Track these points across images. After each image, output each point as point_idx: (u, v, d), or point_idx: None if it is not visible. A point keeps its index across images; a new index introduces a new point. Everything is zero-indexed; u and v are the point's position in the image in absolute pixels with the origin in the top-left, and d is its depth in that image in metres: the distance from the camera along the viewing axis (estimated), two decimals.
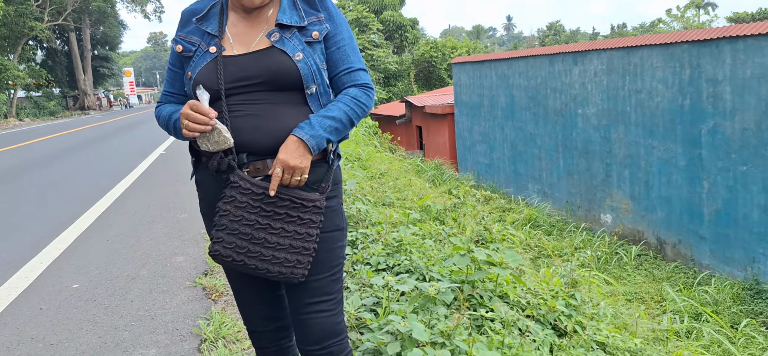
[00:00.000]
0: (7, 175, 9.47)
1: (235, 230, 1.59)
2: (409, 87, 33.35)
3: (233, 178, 1.58)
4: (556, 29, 74.85)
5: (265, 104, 1.61)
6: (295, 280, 1.63)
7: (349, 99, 1.65)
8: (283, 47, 1.61)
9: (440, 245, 3.82)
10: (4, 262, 4.37)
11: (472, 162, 17.74)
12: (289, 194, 1.59)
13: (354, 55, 1.71)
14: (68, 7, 41.12)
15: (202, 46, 1.67)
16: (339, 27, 1.70)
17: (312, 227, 1.61)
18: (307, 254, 1.61)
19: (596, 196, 11.80)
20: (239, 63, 1.62)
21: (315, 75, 1.63)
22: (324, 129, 1.58)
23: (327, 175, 1.67)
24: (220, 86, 1.60)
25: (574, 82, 12.38)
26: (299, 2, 1.69)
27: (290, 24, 1.64)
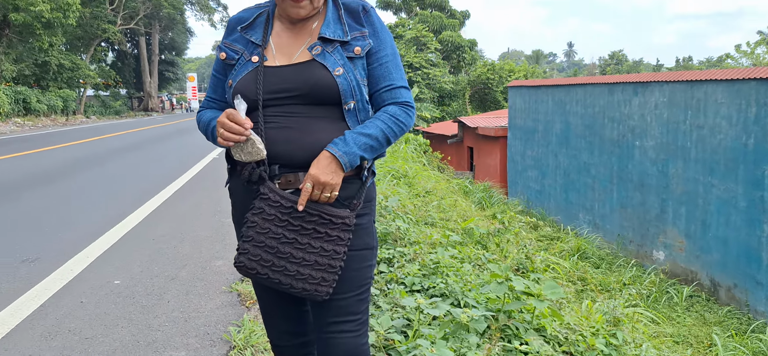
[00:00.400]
0: (67, 169, 9.87)
1: (262, 242, 1.57)
2: (464, 107, 33.19)
3: (263, 189, 1.57)
4: (619, 58, 73.19)
5: (301, 117, 1.59)
6: (318, 298, 1.59)
7: (388, 117, 1.61)
8: (324, 61, 1.59)
9: (479, 270, 3.74)
10: (53, 254, 4.53)
11: (523, 187, 17.45)
12: (318, 210, 1.56)
13: (396, 72, 1.67)
14: (140, 13, 42.87)
15: (244, 55, 1.66)
16: (383, 43, 1.67)
17: (339, 245, 1.57)
18: (332, 272, 1.58)
19: (649, 231, 11.39)
20: (279, 74, 1.61)
21: (354, 91, 1.60)
22: (358, 146, 1.56)
23: (359, 192, 1.63)
24: (258, 96, 1.59)
25: (633, 113, 12.05)
26: (344, 16, 1.66)
27: (333, 38, 1.61)
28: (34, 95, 29.67)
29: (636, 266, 10.84)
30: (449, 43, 36.47)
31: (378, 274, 3.57)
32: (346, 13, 1.67)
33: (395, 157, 9.23)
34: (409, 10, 40.60)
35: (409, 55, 31.34)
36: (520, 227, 5.52)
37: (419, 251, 3.69)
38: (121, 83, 48.48)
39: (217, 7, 50.01)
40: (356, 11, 1.67)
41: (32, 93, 29.50)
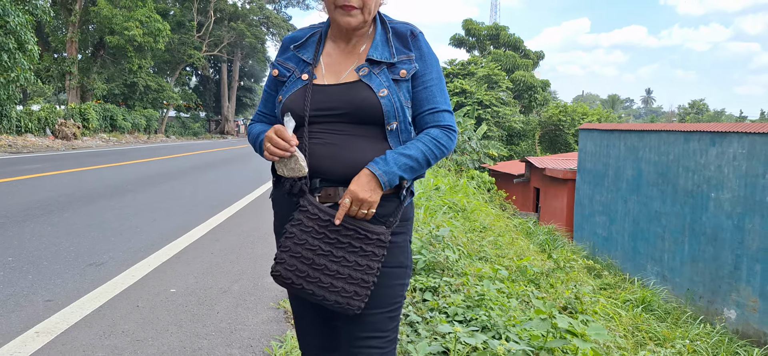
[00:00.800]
0: (142, 183, 10.38)
1: (298, 253, 1.62)
2: (533, 148, 32.71)
3: (303, 202, 1.62)
4: (699, 108, 70.37)
5: (344, 135, 1.64)
6: (350, 311, 1.62)
7: (429, 140, 1.64)
8: (370, 82, 1.64)
9: (525, 307, 3.67)
10: (118, 260, 4.77)
11: (589, 233, 16.94)
12: (355, 225, 1.59)
13: (440, 95, 1.70)
14: (225, 41, 44.91)
15: (295, 72, 1.74)
16: (429, 67, 1.70)
17: (374, 260, 1.60)
18: (365, 286, 1.60)
19: (721, 288, 10.79)
20: (326, 92, 1.67)
21: (397, 112, 1.64)
22: (398, 166, 1.59)
23: (396, 211, 1.66)
24: (305, 113, 1.65)
25: (710, 163, 11.54)
26: (393, 39, 1.71)
27: (380, 60, 1.66)
28: (121, 113, 31.46)
29: (704, 322, 10.27)
30: (521, 83, 36.19)
31: (421, 302, 3.57)
32: (394, 36, 1.72)
33: (455, 191, 9.20)
34: (482, 48, 40.66)
35: (480, 92, 31.29)
36: (576, 271, 5.37)
37: (466, 283, 3.66)
38: (201, 106, 50.71)
39: None
40: (404, 35, 1.72)
41: (119, 111, 31.29)
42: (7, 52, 17.83)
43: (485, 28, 40.65)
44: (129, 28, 28.73)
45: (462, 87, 31.53)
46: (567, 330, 2.79)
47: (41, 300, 3.66)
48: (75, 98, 30.17)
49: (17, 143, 19.38)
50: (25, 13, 18.92)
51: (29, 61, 19.34)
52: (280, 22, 49.30)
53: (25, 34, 18.50)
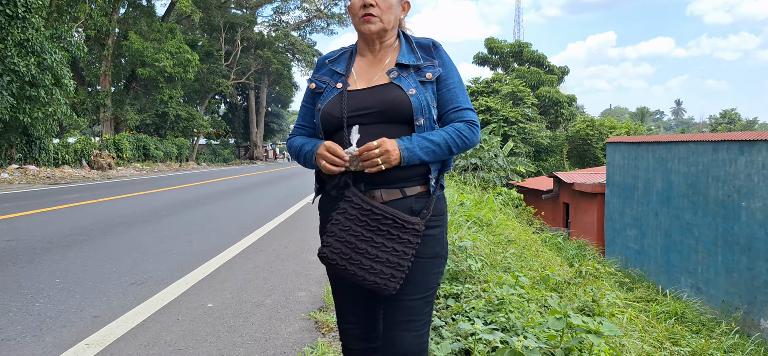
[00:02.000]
0: (177, 208, 10.71)
1: (343, 238, 1.83)
2: (561, 163, 32.51)
3: (348, 193, 1.84)
4: (731, 117, 69.09)
5: (380, 135, 1.83)
6: (387, 292, 1.81)
7: (452, 129, 1.85)
8: (400, 83, 1.87)
9: (544, 311, 3.77)
10: (158, 278, 5.01)
11: (621, 247, 16.79)
12: (393, 214, 1.79)
13: (462, 96, 1.92)
14: (252, 68, 45.81)
15: (331, 83, 1.98)
16: (450, 72, 1.93)
17: (408, 247, 1.79)
18: (400, 270, 1.79)
19: (757, 299, 10.63)
20: (359, 96, 1.90)
21: (424, 109, 1.84)
22: (420, 148, 1.80)
23: (428, 204, 1.86)
24: (343, 115, 1.88)
25: (739, 172, 11.43)
26: (417, 48, 1.96)
27: (408, 64, 1.90)
28: (153, 142, 32.26)
29: (740, 334, 10.12)
30: (547, 99, 36.11)
31: (445, 308, 3.72)
32: (418, 47, 1.97)
33: (481, 206, 9.31)
34: (506, 66, 40.74)
35: (505, 109, 31.31)
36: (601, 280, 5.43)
37: (487, 289, 3.79)
38: (231, 133, 51.63)
39: None
40: (427, 46, 1.97)
41: (151, 141, 32.10)
42: (44, 88, 18.56)
43: (508, 46, 40.77)
44: (159, 59, 29.59)
45: (487, 104, 31.63)
46: (582, 328, 2.89)
47: (89, 316, 3.90)
48: (109, 129, 31.08)
49: (55, 174, 20.05)
50: (61, 50, 19.69)
51: (65, 95, 20.08)
52: (305, 48, 50.14)
53: (61, 69, 19.23)
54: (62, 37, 20.49)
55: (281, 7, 49.47)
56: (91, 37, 30.01)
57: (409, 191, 1.86)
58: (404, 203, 1.85)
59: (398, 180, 1.84)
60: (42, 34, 18.18)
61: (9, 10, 16.48)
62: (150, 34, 31.63)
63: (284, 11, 50.24)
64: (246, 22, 43.60)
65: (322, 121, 1.93)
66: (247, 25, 44.01)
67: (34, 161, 21.02)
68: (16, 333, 3.53)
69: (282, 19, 50.93)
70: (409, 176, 1.85)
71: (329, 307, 4.19)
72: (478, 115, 28.50)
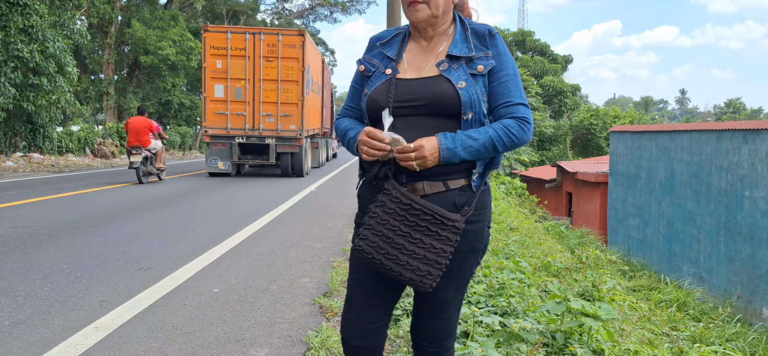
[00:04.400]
0: (181, 195, 10.78)
1: (380, 232, 1.75)
2: (564, 152, 32.50)
3: (387, 186, 1.78)
4: (736, 107, 68.86)
5: (424, 128, 1.77)
6: (423, 289, 1.76)
7: (500, 126, 1.74)
8: (449, 76, 1.77)
9: (545, 295, 3.82)
10: (164, 264, 5.07)
11: (623, 236, 16.82)
12: (433, 210, 1.72)
13: (516, 90, 1.80)
14: None
15: (380, 67, 1.90)
16: (504, 63, 1.81)
17: (447, 244, 1.72)
18: (438, 267, 1.74)
19: (759, 287, 10.67)
20: (408, 86, 1.82)
21: (474, 103, 1.75)
22: (462, 146, 1.71)
23: (470, 200, 1.78)
24: (389, 104, 1.81)
25: (743, 161, 11.44)
26: (471, 37, 1.83)
27: (459, 55, 1.79)
28: None
29: (741, 322, 10.16)
30: (551, 88, 36.04)
31: None
32: (472, 35, 1.85)
33: None
34: None
35: None
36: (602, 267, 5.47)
37: (488, 274, 3.84)
38: None
39: (325, 52, 52.40)
40: (483, 34, 1.84)
41: None
42: (47, 76, 18.60)
43: (511, 35, 40.65)
44: (162, 47, 29.56)
45: None
46: (580, 311, 2.93)
47: (97, 300, 3.96)
48: (112, 117, 31.13)
49: (59, 162, 20.13)
50: (64, 38, 19.72)
51: (68, 83, 20.11)
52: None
53: (65, 57, 19.26)
54: (65, 25, 20.50)
55: None
56: (93, 25, 30.02)
57: (453, 185, 1.79)
58: (447, 196, 1.78)
59: (442, 173, 1.77)
60: (45, 21, 18.20)
61: None
62: (153, 22, 31.59)
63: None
64: (249, 10, 43.50)
65: (368, 107, 1.87)
66: (250, 13, 43.91)
67: (39, 149, 21.10)
68: (26, 316, 3.59)
69: (285, 7, 50.81)
70: (453, 170, 1.78)
71: (334, 293, 4.24)
72: None
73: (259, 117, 14.94)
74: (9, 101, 17.34)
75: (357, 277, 1.96)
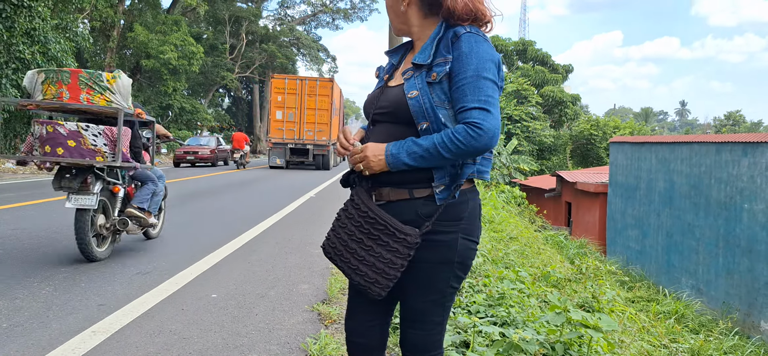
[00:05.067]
0: (181, 200, 10.77)
1: (339, 234, 1.86)
2: (564, 162, 32.52)
3: (353, 191, 1.86)
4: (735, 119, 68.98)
5: (389, 135, 1.81)
6: (372, 295, 1.80)
7: (446, 133, 1.67)
8: (406, 84, 1.79)
9: (544, 306, 3.82)
10: (163, 269, 5.06)
11: (622, 246, 16.81)
12: (386, 222, 1.75)
13: (472, 93, 1.68)
14: (256, 62, 45.84)
15: (384, 75, 1.98)
16: (464, 67, 1.71)
17: (397, 256, 1.73)
18: (387, 278, 1.75)
19: (757, 301, 10.65)
20: (386, 94, 1.89)
21: (426, 113, 1.72)
22: (407, 153, 1.70)
23: (433, 214, 1.75)
24: (370, 111, 1.92)
25: (742, 174, 11.44)
26: (440, 43, 1.79)
27: (420, 63, 1.78)
28: None
29: (739, 335, 10.14)
30: (551, 98, 36.08)
31: None
32: (443, 40, 1.79)
33: (484, 203, 9.36)
34: (510, 63, 40.71)
35: (510, 108, 31.31)
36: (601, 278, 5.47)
37: (487, 284, 3.84)
38: (234, 126, 51.65)
39: (326, 58, 52.50)
40: (449, 39, 1.77)
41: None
42: None
43: (512, 44, 40.73)
44: (164, 51, 29.64)
45: None
46: (580, 322, 2.93)
47: (95, 304, 3.95)
48: None
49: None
50: (66, 40, 19.75)
51: None
52: (310, 43, 50.13)
53: (66, 59, 19.28)
54: (68, 28, 20.54)
55: (287, 1, 49.48)
56: (96, 28, 30.07)
57: (418, 193, 1.77)
58: (411, 205, 1.78)
59: (407, 181, 1.77)
60: (48, 23, 18.24)
61: None
62: (155, 26, 31.67)
63: (290, 5, 50.24)
64: (251, 16, 43.62)
65: (364, 112, 1.98)
66: (253, 19, 44.03)
67: None
68: (24, 319, 3.59)
69: (287, 13, 50.94)
70: (418, 178, 1.76)
71: (332, 300, 4.24)
72: None
73: (303, 131, 23.74)
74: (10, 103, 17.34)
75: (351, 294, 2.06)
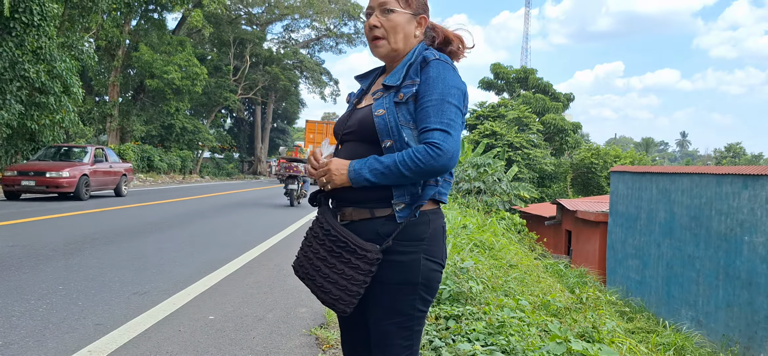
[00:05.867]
0: (180, 219, 10.75)
1: (306, 253, 1.91)
2: (565, 190, 32.51)
3: (319, 211, 1.92)
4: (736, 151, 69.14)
5: (355, 153, 1.85)
6: (337, 311, 1.84)
7: (408, 151, 1.72)
8: (374, 103, 1.86)
9: (544, 335, 3.78)
10: (160, 289, 5.04)
11: (622, 276, 16.73)
12: (347, 238, 1.78)
13: (435, 115, 1.74)
14: (259, 84, 46.09)
15: (353, 99, 2.04)
16: (430, 90, 1.78)
17: (359, 273, 1.76)
18: (349, 294, 1.77)
19: (757, 334, 10.57)
20: (354, 115, 1.94)
21: (391, 131, 1.77)
22: (369, 170, 1.74)
23: (393, 231, 1.77)
24: (340, 131, 1.97)
25: (743, 206, 11.43)
26: (409, 67, 1.85)
27: (390, 85, 1.85)
28: (158, 154, 32.33)
29: None
30: (552, 126, 36.20)
31: (445, 329, 3.73)
32: (414, 65, 1.86)
33: (483, 230, 9.33)
34: (511, 91, 40.91)
35: (511, 134, 31.40)
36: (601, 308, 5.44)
37: (487, 311, 3.81)
38: (235, 147, 51.75)
39: (328, 81, 52.81)
40: (418, 64, 1.85)
41: (156, 152, 32.17)
42: (53, 95, 18.71)
43: (514, 72, 40.96)
44: (168, 72, 29.80)
45: (492, 129, 31.72)
46: (581, 353, 2.91)
47: (91, 323, 3.92)
48: (115, 139, 31.22)
49: None
50: (71, 59, 19.88)
51: (74, 104, 20.22)
52: (313, 65, 50.46)
53: (71, 78, 19.39)
54: (73, 46, 20.69)
55: (291, 25, 49.90)
56: (101, 48, 30.26)
57: (378, 213, 1.81)
58: (371, 224, 1.81)
59: (368, 200, 1.81)
60: (54, 41, 18.37)
61: (25, 17, 16.69)
62: (160, 46, 31.88)
63: (294, 29, 50.69)
64: (256, 38, 43.95)
65: (334, 135, 2.02)
66: (257, 41, 44.36)
67: None
68: (19, 337, 3.56)
69: (291, 37, 51.36)
70: (378, 197, 1.80)
71: (330, 324, 4.21)
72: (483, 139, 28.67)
73: None
74: (14, 117, 17.40)
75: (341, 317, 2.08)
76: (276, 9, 45.77)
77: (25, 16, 16.67)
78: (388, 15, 1.89)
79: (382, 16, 1.90)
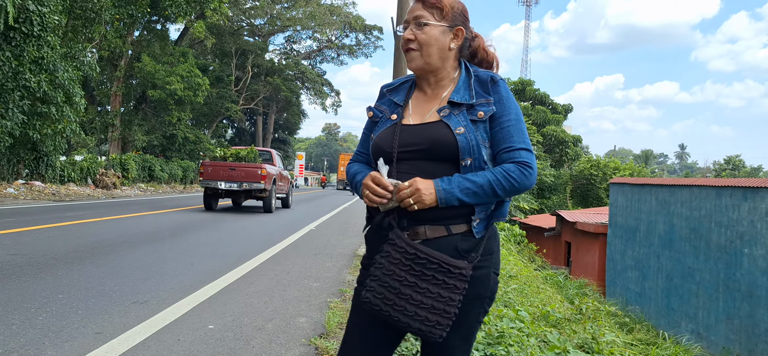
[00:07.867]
0: (180, 228, 10.77)
1: (386, 282, 1.72)
2: (564, 202, 32.51)
3: (391, 235, 1.76)
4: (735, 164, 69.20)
5: (424, 171, 1.79)
6: (433, 338, 1.72)
7: (499, 170, 1.74)
8: (448, 121, 1.80)
9: (544, 345, 3.79)
10: (160, 298, 5.05)
11: (622, 288, 16.72)
12: (439, 259, 1.70)
13: (518, 135, 1.79)
14: (261, 95, 46.25)
15: (386, 113, 1.96)
16: (506, 109, 1.82)
17: (455, 293, 1.69)
18: (447, 317, 1.70)
19: (758, 347, 10.56)
20: (411, 131, 1.86)
21: (472, 149, 1.76)
22: (460, 189, 1.71)
23: (476, 246, 1.77)
24: (393, 150, 1.85)
25: (742, 218, 11.45)
26: (474, 84, 1.87)
27: (460, 102, 1.83)
28: (159, 163, 32.39)
29: None
30: (552, 138, 36.28)
31: None
32: (476, 81, 1.88)
33: None
34: None
35: None
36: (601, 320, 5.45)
37: (487, 322, 3.82)
38: None
39: (330, 92, 52.97)
40: (485, 81, 1.87)
41: (157, 162, 32.23)
42: (55, 105, 18.79)
43: (511, 84, 41.10)
44: (170, 82, 29.93)
45: None
46: None
47: (91, 332, 3.94)
48: (116, 149, 31.31)
49: (60, 191, 20.17)
50: (74, 69, 19.97)
51: (76, 114, 20.30)
52: (314, 77, 50.65)
53: (73, 88, 19.48)
54: (76, 57, 20.79)
55: (293, 37, 50.15)
56: (104, 58, 30.41)
57: (455, 229, 1.77)
58: (449, 241, 1.77)
59: (443, 217, 1.76)
60: (56, 52, 18.46)
61: (25, 28, 16.78)
62: (162, 57, 32.04)
63: (296, 40, 50.96)
64: (258, 50, 44.15)
65: (373, 152, 1.91)
66: (259, 52, 44.57)
67: (41, 178, 21.16)
68: (19, 345, 3.58)
69: (293, 48, 51.61)
70: (454, 214, 1.76)
71: (330, 334, 4.22)
72: None
73: None
74: (16, 126, 17.47)
75: (356, 320, 1.93)
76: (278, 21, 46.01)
77: (26, 26, 16.76)
78: (423, 28, 1.86)
79: (417, 29, 1.87)
